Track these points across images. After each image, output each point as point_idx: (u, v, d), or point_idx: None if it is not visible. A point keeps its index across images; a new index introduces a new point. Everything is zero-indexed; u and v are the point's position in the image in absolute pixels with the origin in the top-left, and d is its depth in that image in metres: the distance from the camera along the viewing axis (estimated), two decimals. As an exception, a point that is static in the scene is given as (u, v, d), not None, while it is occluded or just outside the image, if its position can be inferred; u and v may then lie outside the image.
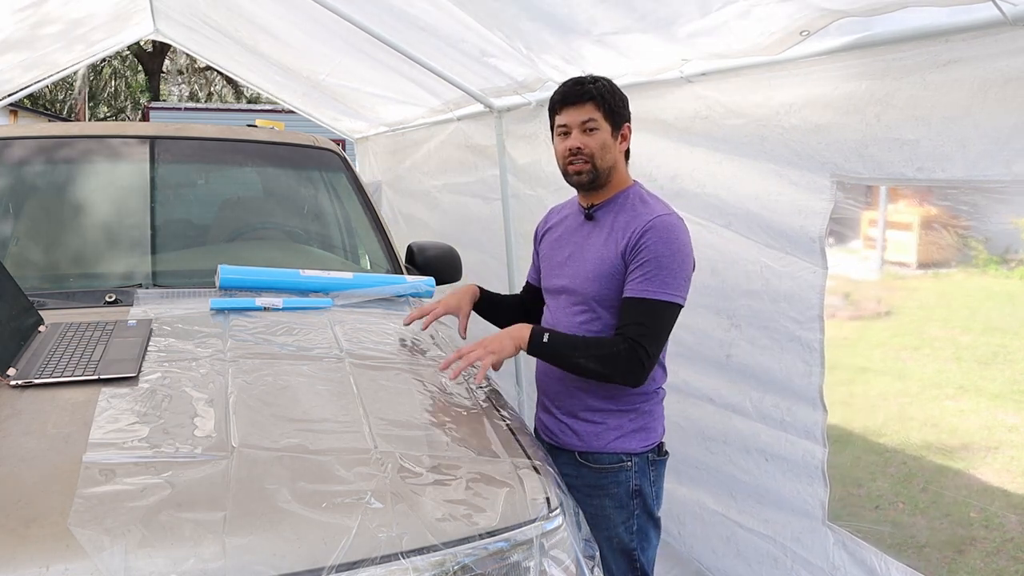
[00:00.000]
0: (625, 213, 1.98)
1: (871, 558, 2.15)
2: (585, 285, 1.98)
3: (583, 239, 2.04)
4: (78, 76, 17.13)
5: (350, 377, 1.88)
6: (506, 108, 3.79)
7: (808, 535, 2.34)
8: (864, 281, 9.74)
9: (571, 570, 1.50)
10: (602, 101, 1.94)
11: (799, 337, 2.26)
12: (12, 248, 2.58)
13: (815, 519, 2.31)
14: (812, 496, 2.31)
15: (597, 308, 1.97)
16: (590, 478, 2.01)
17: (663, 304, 1.86)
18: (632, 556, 2.03)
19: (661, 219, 1.91)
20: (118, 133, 2.97)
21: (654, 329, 1.86)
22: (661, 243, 1.87)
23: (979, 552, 3.60)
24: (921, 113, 1.84)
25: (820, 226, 2.16)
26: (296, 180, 3.17)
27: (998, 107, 1.67)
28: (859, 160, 2.01)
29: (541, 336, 1.88)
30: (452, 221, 4.75)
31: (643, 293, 1.86)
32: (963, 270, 9.61)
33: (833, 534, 2.27)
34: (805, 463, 2.31)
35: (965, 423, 5.35)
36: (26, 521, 1.26)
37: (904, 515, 3.97)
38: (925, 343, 7.35)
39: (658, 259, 1.86)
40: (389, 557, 1.33)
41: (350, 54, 4.30)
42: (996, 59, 1.67)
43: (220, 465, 1.44)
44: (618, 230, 1.96)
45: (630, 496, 2.00)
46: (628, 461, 1.99)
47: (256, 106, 15.81)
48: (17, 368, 1.77)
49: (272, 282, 2.47)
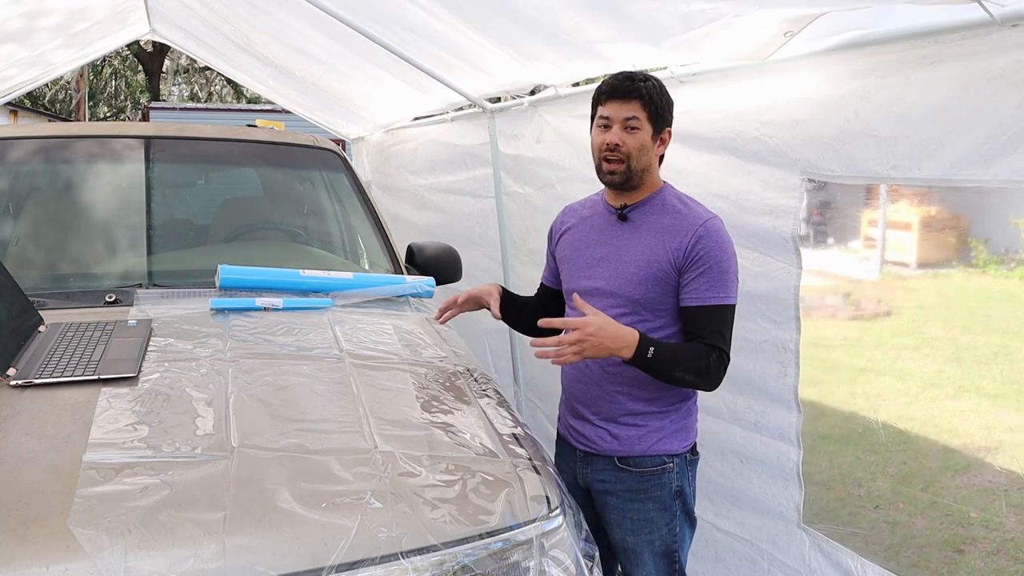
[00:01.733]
0: (667, 216, 1.96)
1: (847, 560, 2.14)
2: (628, 288, 1.95)
3: (619, 240, 2.00)
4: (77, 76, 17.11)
5: (350, 377, 1.87)
6: (499, 109, 3.78)
7: (784, 538, 2.33)
8: (864, 281, 9.75)
9: (571, 570, 1.50)
10: (649, 101, 1.91)
11: (774, 338, 2.24)
12: (12, 248, 2.58)
13: (790, 522, 2.30)
14: (787, 499, 2.30)
15: (643, 311, 1.94)
16: (631, 482, 1.99)
17: (731, 308, 1.92)
18: (673, 558, 2.02)
19: (711, 223, 1.93)
20: (118, 133, 2.97)
21: (728, 333, 1.91)
22: (718, 248, 1.90)
23: (979, 552, 3.60)
24: (901, 110, 1.81)
25: (792, 225, 2.15)
26: (296, 180, 3.17)
27: (980, 106, 1.65)
28: (834, 157, 2.00)
29: (646, 351, 1.83)
30: (441, 220, 4.73)
31: (712, 300, 1.90)
32: (963, 270, 9.61)
33: (809, 537, 2.26)
34: (780, 465, 2.30)
35: (965, 423, 5.35)
36: (26, 521, 1.26)
37: (904, 515, 3.97)
38: (925, 343, 7.34)
39: (718, 264, 1.90)
40: (389, 557, 1.33)
41: (343, 56, 4.29)
42: (980, 57, 1.64)
43: (220, 465, 1.44)
44: (664, 233, 1.94)
45: (673, 497, 1.99)
46: (670, 463, 1.99)
47: (256, 106, 15.79)
48: (17, 368, 1.77)
49: (272, 282, 2.47)
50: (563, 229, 2.17)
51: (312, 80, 5.11)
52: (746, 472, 2.41)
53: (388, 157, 5.59)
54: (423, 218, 5.02)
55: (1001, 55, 1.60)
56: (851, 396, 5.93)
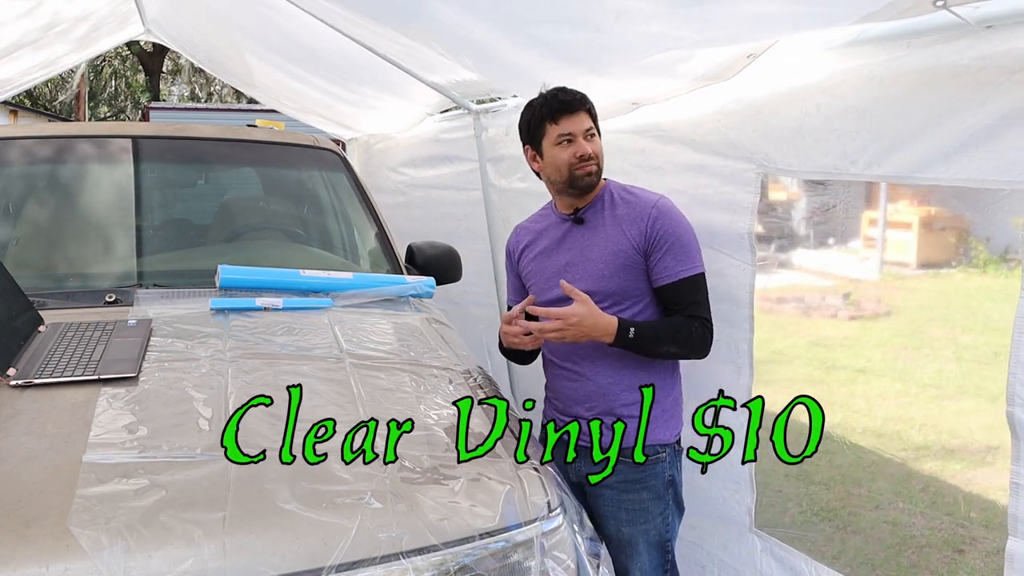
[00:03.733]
0: (619, 207, 2.06)
1: (800, 564, 2.13)
2: (601, 283, 2.02)
3: (581, 242, 2.07)
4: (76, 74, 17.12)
5: (350, 377, 1.88)
6: (484, 110, 3.78)
7: (735, 542, 2.32)
8: (864, 281, 9.75)
9: (571, 569, 1.50)
10: (591, 110, 2.06)
11: (727, 337, 2.20)
12: (12, 248, 2.58)
13: (742, 526, 2.29)
14: (739, 503, 2.29)
15: (622, 300, 2.02)
16: (626, 473, 2.03)
17: (701, 276, 2.02)
18: (667, 547, 2.07)
19: (662, 203, 2.04)
20: (117, 133, 2.97)
21: (705, 300, 2.02)
22: (674, 223, 2.01)
23: (979, 552, 3.60)
24: (863, 104, 1.78)
25: (748, 221, 2.14)
26: (296, 180, 3.17)
27: (945, 101, 1.62)
28: (792, 151, 1.98)
29: (627, 332, 1.94)
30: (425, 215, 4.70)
31: (682, 274, 1.99)
32: (963, 270, 9.61)
33: (761, 541, 2.25)
34: (731, 469, 2.29)
35: (965, 423, 5.35)
36: (26, 521, 1.26)
37: (904, 515, 3.97)
38: (925, 343, 7.35)
39: (679, 239, 2.00)
40: (389, 557, 1.33)
41: (329, 59, 4.26)
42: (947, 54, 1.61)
43: (220, 465, 1.44)
44: (621, 223, 2.03)
45: (666, 487, 2.05)
46: (663, 452, 2.05)
47: (256, 106, 15.78)
48: (17, 368, 1.77)
49: (272, 282, 2.47)
50: (521, 247, 2.23)
51: (295, 85, 5.07)
52: (698, 476, 2.38)
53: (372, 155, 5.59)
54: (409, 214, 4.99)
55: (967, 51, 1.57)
56: (851, 396, 5.93)
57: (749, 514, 2.27)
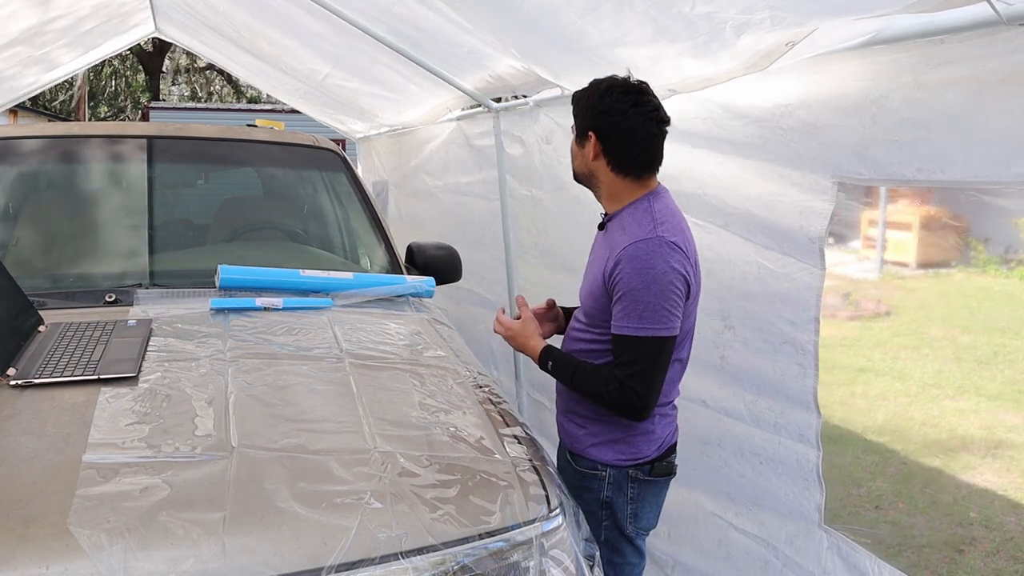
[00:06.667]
0: (619, 232, 1.87)
1: (865, 562, 2.15)
2: (586, 302, 1.97)
3: (595, 251, 2.01)
4: (78, 76, 17.12)
5: (350, 377, 1.87)
6: (504, 108, 3.78)
7: (802, 538, 2.33)
8: (864, 281, 9.75)
9: (571, 570, 1.50)
10: (575, 108, 1.95)
11: (794, 339, 2.25)
12: (12, 248, 2.58)
13: (811, 522, 2.30)
14: (808, 499, 2.30)
15: (598, 326, 1.92)
16: (572, 476, 2.01)
17: (648, 340, 1.77)
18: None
19: (634, 247, 1.78)
20: (118, 133, 2.97)
21: (643, 366, 1.79)
22: (633, 275, 1.77)
23: (979, 552, 3.60)
24: (916, 115, 1.82)
25: (820, 227, 2.15)
26: (296, 180, 3.17)
27: (993, 107, 1.66)
28: (859, 162, 2.01)
29: (546, 363, 1.96)
30: (454, 221, 4.75)
31: (623, 330, 1.80)
32: (963, 270, 9.61)
33: (828, 537, 2.26)
34: (800, 466, 2.31)
35: (965, 423, 5.35)
36: (26, 521, 1.26)
37: (904, 515, 3.97)
38: (925, 343, 7.35)
39: (632, 292, 1.77)
40: (389, 557, 1.33)
41: (349, 55, 4.29)
42: (990, 59, 1.65)
43: (220, 465, 1.44)
44: (608, 249, 1.88)
45: (599, 506, 1.97)
46: (603, 471, 1.95)
47: (256, 106, 15.80)
48: (17, 368, 1.77)
49: (272, 282, 2.47)
50: None
51: (316, 80, 5.11)
52: (766, 473, 2.41)
53: (405, 159, 5.61)
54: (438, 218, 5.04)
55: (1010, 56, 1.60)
56: (851, 396, 5.93)
57: (819, 510, 2.27)
